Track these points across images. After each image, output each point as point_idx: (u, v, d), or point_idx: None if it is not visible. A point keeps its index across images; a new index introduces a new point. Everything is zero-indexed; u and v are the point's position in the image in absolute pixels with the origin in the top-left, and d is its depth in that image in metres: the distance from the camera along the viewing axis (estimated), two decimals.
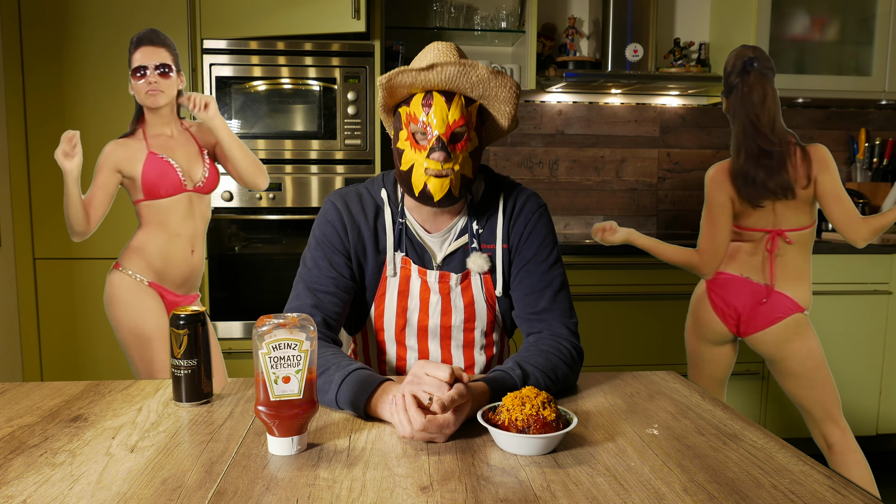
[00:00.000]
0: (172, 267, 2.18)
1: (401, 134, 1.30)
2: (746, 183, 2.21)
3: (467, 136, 1.27)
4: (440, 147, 1.24)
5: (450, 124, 1.24)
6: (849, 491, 0.87)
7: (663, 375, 1.37)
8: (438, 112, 1.24)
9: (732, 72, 2.26)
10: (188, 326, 1.16)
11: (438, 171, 1.25)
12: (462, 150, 1.27)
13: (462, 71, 1.22)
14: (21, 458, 0.96)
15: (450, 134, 1.25)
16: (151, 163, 2.10)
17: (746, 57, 2.24)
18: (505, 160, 3.34)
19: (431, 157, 1.25)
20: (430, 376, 1.04)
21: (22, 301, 2.60)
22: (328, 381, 1.13)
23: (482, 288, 1.38)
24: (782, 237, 2.23)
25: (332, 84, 2.66)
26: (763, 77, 2.21)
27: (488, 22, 3.09)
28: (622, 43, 3.10)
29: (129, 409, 1.16)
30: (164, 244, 2.16)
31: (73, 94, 2.55)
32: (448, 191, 1.26)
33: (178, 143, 2.18)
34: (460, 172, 1.27)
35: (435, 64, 1.21)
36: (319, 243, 1.35)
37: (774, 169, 2.18)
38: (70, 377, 2.57)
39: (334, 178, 2.70)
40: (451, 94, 1.26)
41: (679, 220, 3.47)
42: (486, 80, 1.24)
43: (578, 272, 2.74)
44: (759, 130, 2.19)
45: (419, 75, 1.22)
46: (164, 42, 2.14)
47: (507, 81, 1.26)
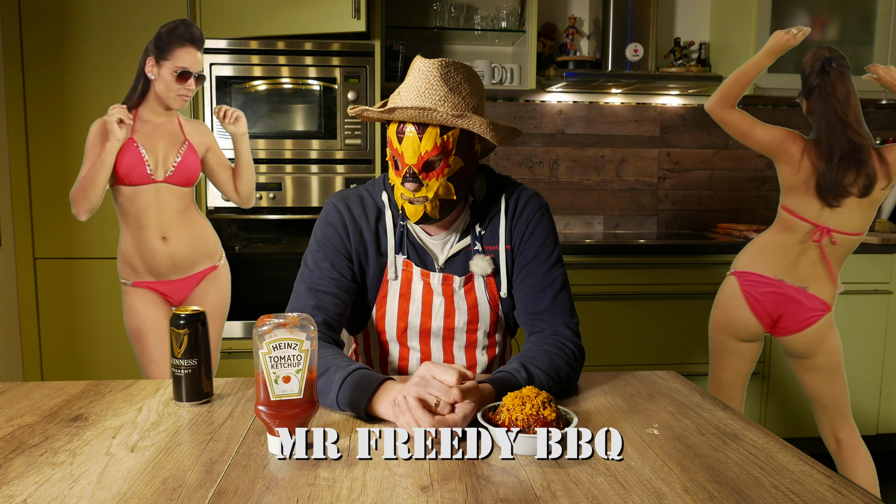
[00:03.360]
0: (147, 259, 2.20)
1: (388, 150, 1.31)
2: (833, 183, 2.20)
3: (444, 164, 1.25)
4: (411, 178, 1.25)
5: (421, 155, 1.24)
6: (849, 491, 0.87)
7: (663, 375, 1.37)
8: (409, 144, 1.24)
9: (811, 73, 2.25)
10: (188, 326, 1.16)
11: (411, 199, 1.26)
12: (437, 176, 1.25)
13: (423, 114, 1.20)
14: (21, 457, 0.96)
15: (422, 164, 1.24)
16: (126, 150, 2.13)
17: (824, 57, 2.24)
18: (505, 160, 3.34)
19: (404, 185, 1.26)
20: (436, 380, 1.03)
21: (22, 301, 2.60)
22: (328, 383, 1.13)
23: (485, 289, 1.38)
24: (829, 236, 2.23)
25: (333, 84, 2.66)
26: (842, 75, 2.22)
27: (488, 21, 3.09)
28: (622, 42, 3.10)
29: (129, 408, 1.17)
30: (133, 240, 2.19)
31: (74, 93, 2.55)
32: (423, 215, 1.27)
33: (164, 132, 2.19)
34: (435, 199, 1.26)
35: (395, 108, 1.21)
36: (321, 245, 1.35)
37: (862, 162, 2.19)
38: (70, 377, 2.57)
39: (334, 178, 2.70)
40: (425, 125, 1.23)
41: (679, 220, 3.47)
42: (451, 122, 1.22)
43: (578, 272, 2.74)
44: (848, 125, 2.20)
45: (382, 115, 1.23)
46: (202, 43, 2.20)
47: (472, 122, 1.22)
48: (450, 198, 1.28)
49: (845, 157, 2.19)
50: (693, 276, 2.84)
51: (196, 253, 2.25)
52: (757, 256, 2.31)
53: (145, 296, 2.21)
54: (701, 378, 2.81)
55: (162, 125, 2.19)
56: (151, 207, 2.17)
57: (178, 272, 2.23)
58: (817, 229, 2.23)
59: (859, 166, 2.19)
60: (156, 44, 2.15)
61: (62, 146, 2.55)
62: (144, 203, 2.16)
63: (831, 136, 2.21)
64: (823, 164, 2.20)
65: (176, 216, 2.21)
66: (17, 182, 2.56)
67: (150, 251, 2.19)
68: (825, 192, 2.21)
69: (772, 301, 2.28)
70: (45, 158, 2.56)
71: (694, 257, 2.84)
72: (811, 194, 2.23)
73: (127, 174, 2.14)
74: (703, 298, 2.83)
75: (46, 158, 2.56)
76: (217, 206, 2.64)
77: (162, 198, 2.18)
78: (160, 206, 2.18)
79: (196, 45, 2.17)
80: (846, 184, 2.19)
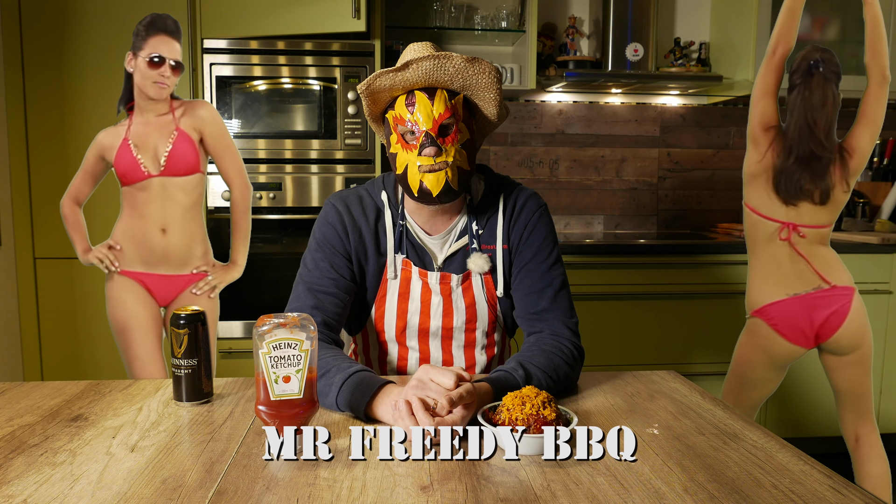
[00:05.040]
0: (140, 246, 2.21)
1: (391, 138, 1.30)
2: (789, 182, 2.21)
3: (456, 128, 1.27)
4: (429, 142, 1.24)
5: (436, 118, 1.25)
6: (849, 490, 0.87)
7: (663, 375, 1.37)
8: (423, 108, 1.24)
9: (797, 71, 2.25)
10: (188, 326, 1.16)
11: (431, 166, 1.25)
12: (453, 141, 1.26)
13: (437, 64, 1.22)
14: (21, 457, 0.96)
15: (437, 127, 1.25)
16: (122, 151, 2.17)
17: (813, 59, 2.24)
18: (505, 160, 3.34)
19: (423, 153, 1.25)
20: (434, 382, 1.03)
21: (22, 301, 2.60)
22: (328, 384, 1.13)
23: (483, 288, 1.38)
24: (796, 231, 2.23)
25: (333, 84, 2.66)
26: (826, 81, 2.22)
27: (488, 21, 3.09)
28: (622, 42, 3.10)
29: (129, 408, 1.17)
30: (130, 226, 2.21)
31: (74, 93, 2.55)
32: (445, 183, 1.26)
33: (155, 127, 2.20)
34: (455, 164, 1.26)
35: (410, 61, 1.21)
36: (320, 245, 1.35)
37: (819, 174, 2.20)
38: (70, 376, 2.57)
39: (334, 178, 2.70)
40: (433, 90, 1.26)
41: (679, 220, 3.47)
42: (463, 69, 1.24)
43: (578, 272, 2.74)
44: (814, 135, 2.20)
45: (396, 75, 1.23)
46: (178, 34, 2.20)
47: (485, 67, 1.25)
48: (465, 167, 1.29)
49: (802, 161, 2.20)
50: (693, 276, 2.84)
51: (191, 251, 2.26)
52: (761, 288, 2.30)
53: (131, 287, 2.22)
54: (701, 378, 2.81)
55: (154, 120, 2.20)
56: (155, 199, 2.19)
57: (168, 266, 2.23)
58: (783, 226, 2.23)
59: (815, 175, 2.20)
60: (133, 38, 2.18)
61: (62, 146, 2.55)
62: (149, 197, 2.19)
63: (797, 136, 2.22)
64: (781, 161, 2.22)
65: (180, 212, 2.22)
66: (17, 182, 2.56)
67: (146, 238, 2.20)
68: (780, 189, 2.22)
69: (801, 317, 2.27)
70: (45, 158, 2.56)
71: (694, 257, 2.84)
72: (770, 189, 2.24)
73: (126, 175, 2.17)
74: (704, 298, 2.84)
75: (46, 158, 2.56)
76: (217, 205, 2.64)
77: (167, 191, 2.20)
78: (164, 200, 2.20)
79: (170, 34, 2.18)
80: (804, 187, 2.20)
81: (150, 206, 2.19)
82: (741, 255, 2.83)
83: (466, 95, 1.30)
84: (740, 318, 2.46)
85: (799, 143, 2.21)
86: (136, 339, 2.21)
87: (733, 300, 2.82)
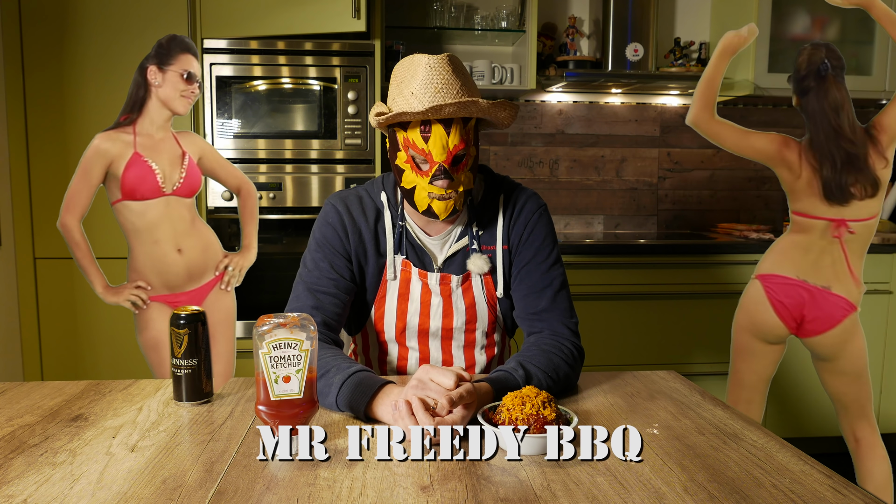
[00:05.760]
0: (165, 272, 2.21)
1: (399, 154, 1.28)
2: (839, 189, 2.21)
3: (468, 155, 1.27)
4: (443, 174, 1.24)
5: (451, 150, 1.23)
6: (849, 490, 0.87)
7: (663, 375, 1.37)
8: (438, 141, 1.22)
9: (807, 75, 2.24)
10: (188, 326, 1.16)
11: (442, 196, 1.25)
12: (464, 168, 1.27)
13: (462, 108, 1.20)
14: (21, 457, 0.96)
15: (451, 158, 1.24)
16: (134, 164, 2.13)
17: (820, 60, 2.23)
18: (505, 160, 3.34)
19: (434, 183, 1.24)
20: (434, 382, 1.03)
21: (22, 301, 2.60)
22: (328, 384, 1.13)
23: (483, 289, 1.38)
24: (846, 227, 2.23)
25: (333, 84, 2.66)
26: (836, 78, 2.22)
27: (488, 21, 3.09)
28: (622, 42, 3.10)
29: (129, 408, 1.17)
30: (147, 256, 2.19)
31: (74, 93, 2.55)
32: (453, 208, 1.27)
33: (164, 146, 2.21)
34: (462, 190, 1.27)
35: (435, 107, 1.18)
36: (320, 245, 1.35)
37: (861, 169, 2.20)
38: (70, 376, 2.57)
39: (334, 178, 2.70)
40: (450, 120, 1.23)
41: (679, 220, 3.47)
42: (485, 110, 1.24)
43: (578, 272, 2.74)
44: (843, 136, 2.21)
45: (417, 115, 1.20)
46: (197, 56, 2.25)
47: (507, 108, 1.26)
48: (470, 186, 1.29)
49: (845, 164, 2.20)
50: (693, 276, 2.84)
51: (207, 261, 2.28)
52: (779, 259, 2.31)
53: (161, 309, 2.23)
54: (701, 378, 2.81)
55: (161, 140, 2.21)
56: (164, 221, 2.18)
57: (192, 283, 2.25)
58: (833, 223, 2.23)
59: (858, 173, 2.20)
60: (156, 53, 2.18)
61: (62, 146, 2.55)
62: (156, 217, 2.17)
63: (829, 143, 2.21)
64: (827, 171, 2.22)
65: (187, 228, 2.23)
66: (17, 182, 2.56)
67: (166, 264, 2.20)
68: (831, 197, 2.22)
69: (795, 302, 2.28)
70: (45, 158, 2.56)
71: (694, 257, 2.84)
72: (817, 196, 2.24)
73: (137, 188, 2.13)
74: (704, 298, 2.84)
75: (46, 158, 2.56)
76: (217, 205, 2.64)
77: (173, 210, 2.19)
78: (172, 219, 2.19)
79: (195, 54, 2.23)
80: (852, 190, 2.21)
81: (160, 229, 2.18)
82: (741, 254, 2.83)
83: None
84: None
85: (831, 149, 2.21)
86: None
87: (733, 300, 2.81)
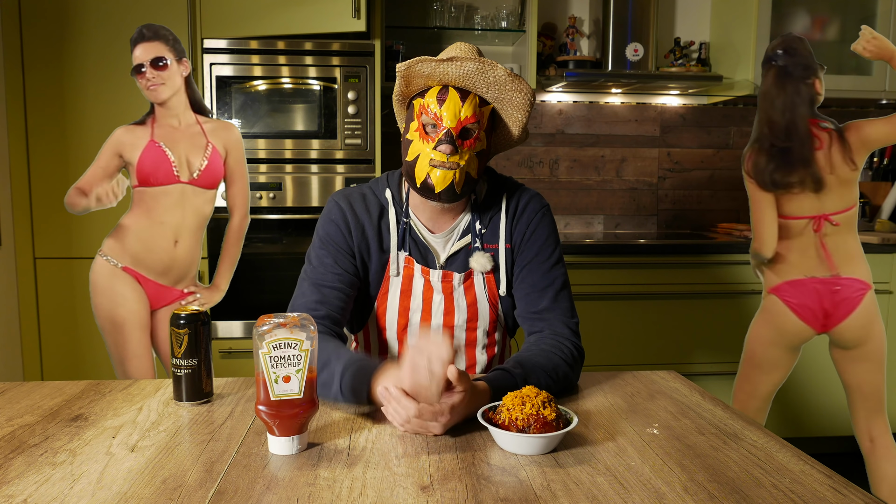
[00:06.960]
0: (151, 253, 2.21)
1: (411, 125, 1.31)
2: (759, 173, 2.23)
3: (477, 135, 1.28)
4: (448, 140, 1.25)
5: (461, 119, 1.26)
6: (849, 490, 0.87)
7: (663, 375, 1.37)
8: (452, 106, 1.26)
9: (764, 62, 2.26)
10: (188, 326, 1.16)
11: (443, 163, 1.26)
12: (470, 147, 1.28)
13: (480, 68, 1.23)
14: (22, 457, 0.96)
15: (460, 129, 1.26)
16: (149, 151, 2.16)
17: (772, 51, 2.22)
18: (505, 160, 3.34)
19: (438, 148, 1.26)
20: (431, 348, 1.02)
21: (22, 301, 2.60)
22: (330, 374, 1.13)
23: (485, 287, 1.38)
24: (828, 221, 2.23)
25: (333, 84, 2.66)
26: (785, 75, 2.20)
27: (488, 21, 3.09)
28: (622, 42, 3.10)
29: (129, 408, 1.17)
30: (144, 229, 2.20)
31: (74, 93, 2.55)
32: (450, 184, 1.27)
33: (184, 135, 2.21)
34: (465, 169, 1.27)
35: (455, 57, 1.22)
36: (323, 242, 1.36)
37: (793, 164, 2.20)
38: (70, 376, 2.57)
39: (334, 178, 2.70)
40: (467, 92, 1.27)
41: (679, 220, 3.47)
42: (503, 82, 1.26)
43: (578, 272, 2.74)
44: (773, 131, 2.22)
45: (438, 66, 1.24)
46: (156, 34, 2.20)
47: (524, 87, 1.27)
48: (473, 175, 1.30)
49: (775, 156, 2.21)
50: (693, 276, 2.84)
51: (190, 267, 2.29)
52: (782, 268, 2.31)
53: (134, 286, 2.22)
54: (701, 378, 2.81)
55: (179, 128, 2.22)
56: (176, 207, 2.20)
57: (168, 277, 2.26)
58: (814, 220, 2.23)
59: (785, 166, 2.21)
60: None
61: (62, 146, 2.55)
62: (170, 203, 2.20)
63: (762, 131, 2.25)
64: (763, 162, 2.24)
65: (195, 224, 2.25)
66: (17, 182, 2.56)
67: (158, 247, 2.21)
68: (759, 181, 2.24)
69: (813, 298, 2.28)
70: (45, 158, 2.56)
71: (694, 257, 2.84)
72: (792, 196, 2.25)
73: (152, 173, 2.16)
74: (704, 298, 2.84)
75: (46, 158, 2.56)
76: (217, 205, 2.64)
77: (187, 199, 2.21)
78: (184, 208, 2.21)
79: (145, 39, 2.19)
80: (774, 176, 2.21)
81: (169, 214, 2.20)
82: (741, 255, 2.83)
83: (495, 108, 1.32)
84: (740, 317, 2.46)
85: (761, 136, 2.25)
86: (133, 336, 2.22)
87: (733, 300, 2.82)
